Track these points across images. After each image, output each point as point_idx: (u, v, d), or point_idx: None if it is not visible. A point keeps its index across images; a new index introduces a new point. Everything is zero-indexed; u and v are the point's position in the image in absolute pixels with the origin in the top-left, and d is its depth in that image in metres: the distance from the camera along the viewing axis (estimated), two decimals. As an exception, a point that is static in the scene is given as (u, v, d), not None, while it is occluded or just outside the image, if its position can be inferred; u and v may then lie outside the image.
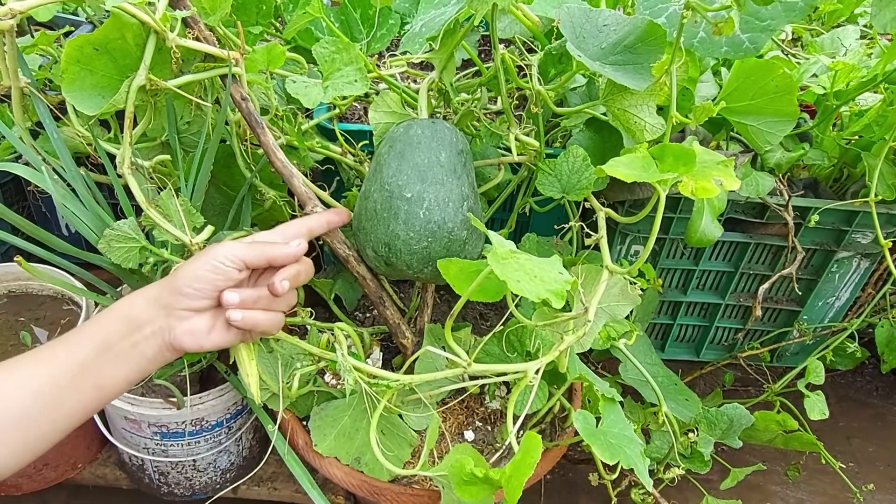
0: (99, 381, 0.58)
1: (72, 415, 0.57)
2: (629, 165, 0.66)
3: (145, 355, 0.60)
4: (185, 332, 0.61)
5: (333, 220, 0.75)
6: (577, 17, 0.75)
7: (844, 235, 1.06)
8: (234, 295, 0.61)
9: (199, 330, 0.62)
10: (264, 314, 0.64)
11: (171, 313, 0.60)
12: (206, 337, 0.62)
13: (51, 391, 0.55)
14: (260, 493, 1.06)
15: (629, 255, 1.10)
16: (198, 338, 0.61)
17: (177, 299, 0.60)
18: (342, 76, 0.79)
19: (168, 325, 0.60)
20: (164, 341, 0.61)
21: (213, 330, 0.62)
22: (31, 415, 0.54)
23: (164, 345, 0.61)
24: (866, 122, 1.06)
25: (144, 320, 0.60)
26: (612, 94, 0.76)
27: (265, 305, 0.64)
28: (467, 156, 0.76)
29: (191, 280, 0.60)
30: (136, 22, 0.65)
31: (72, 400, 0.57)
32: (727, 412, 0.96)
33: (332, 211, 0.76)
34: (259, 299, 0.64)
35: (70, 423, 0.58)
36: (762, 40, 0.74)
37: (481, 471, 0.60)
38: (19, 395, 0.54)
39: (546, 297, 0.57)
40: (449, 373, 0.69)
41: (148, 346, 0.60)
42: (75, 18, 1.26)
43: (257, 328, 0.64)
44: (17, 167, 0.76)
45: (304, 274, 0.68)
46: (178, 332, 0.60)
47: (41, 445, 0.57)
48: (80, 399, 0.57)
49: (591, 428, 0.72)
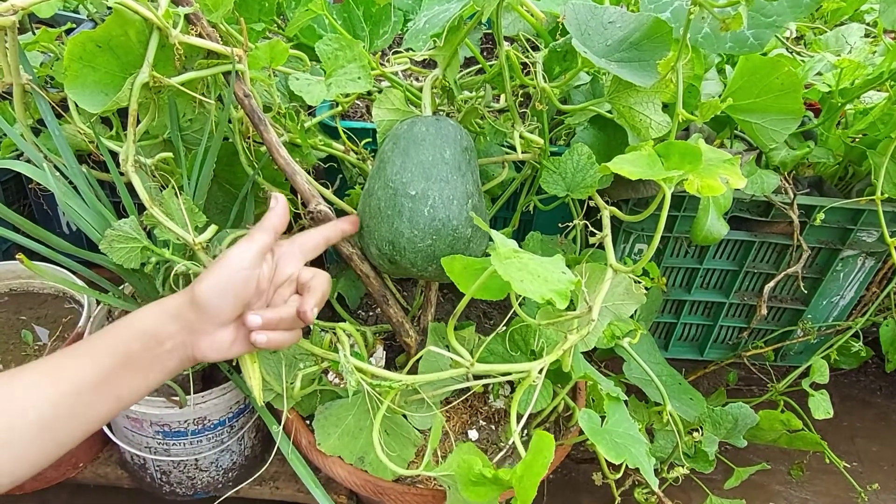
0: (120, 392, 0.58)
1: (89, 423, 0.57)
2: (635, 163, 0.66)
3: (167, 368, 0.60)
4: (209, 347, 0.61)
5: (347, 228, 0.75)
6: (582, 13, 0.75)
7: (849, 234, 1.05)
8: (256, 318, 0.61)
9: (223, 343, 0.61)
10: (287, 334, 0.64)
11: (193, 329, 0.60)
12: (228, 349, 0.62)
13: (72, 402, 0.55)
14: (262, 493, 1.06)
15: (633, 254, 1.10)
16: (221, 351, 0.62)
17: (199, 316, 0.60)
18: (345, 73, 0.79)
19: (191, 341, 0.60)
20: (187, 355, 0.60)
21: (235, 342, 0.62)
22: (49, 424, 0.54)
23: (187, 358, 0.61)
24: (871, 119, 1.05)
25: (165, 336, 0.59)
26: (618, 91, 0.76)
27: (288, 326, 0.64)
28: (472, 153, 0.76)
29: (212, 295, 0.59)
30: (139, 18, 0.64)
31: (91, 410, 0.57)
32: (732, 411, 0.95)
33: (346, 219, 0.76)
34: (282, 321, 0.63)
35: (86, 430, 0.58)
36: (767, 36, 0.73)
37: (490, 471, 0.59)
38: (41, 406, 0.54)
39: (549, 298, 0.56)
40: (453, 372, 0.68)
41: (170, 359, 0.60)
42: (76, 16, 1.25)
43: (280, 347, 0.64)
44: (19, 164, 0.76)
45: (324, 293, 0.67)
46: (202, 347, 0.60)
47: (57, 452, 0.56)
48: (98, 409, 0.57)
49: (597, 427, 0.71)
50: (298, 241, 0.69)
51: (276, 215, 0.65)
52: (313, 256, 0.69)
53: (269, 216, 0.65)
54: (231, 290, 0.60)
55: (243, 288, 0.60)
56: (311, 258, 0.69)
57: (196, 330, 0.60)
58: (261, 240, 0.62)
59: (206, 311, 0.59)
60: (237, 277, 0.60)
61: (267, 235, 0.63)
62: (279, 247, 0.67)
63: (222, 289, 0.59)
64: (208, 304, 0.59)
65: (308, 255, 0.69)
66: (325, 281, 0.67)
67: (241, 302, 0.61)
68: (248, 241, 0.62)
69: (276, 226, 0.64)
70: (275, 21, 1.01)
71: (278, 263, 0.66)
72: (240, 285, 0.60)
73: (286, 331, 0.64)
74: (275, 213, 0.65)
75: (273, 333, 0.62)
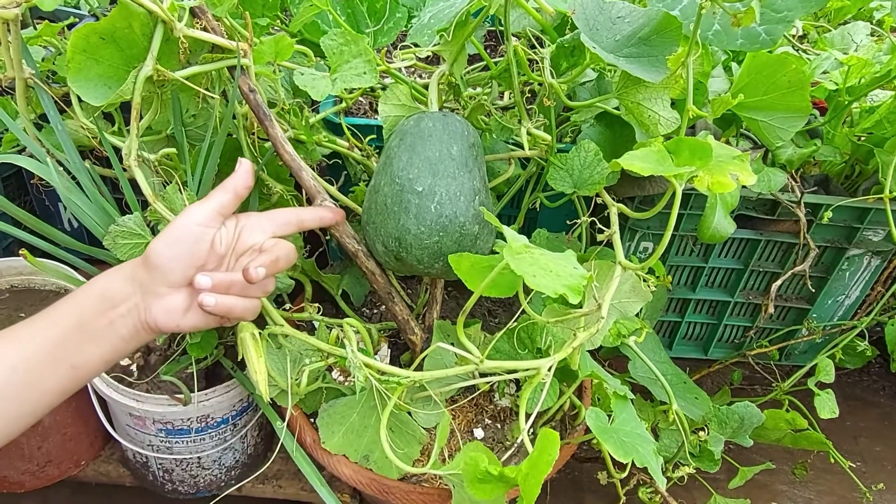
0: (75, 360, 0.55)
1: (46, 395, 0.55)
2: (644, 159, 0.65)
3: (120, 334, 0.58)
4: (161, 311, 0.58)
5: (326, 216, 0.72)
6: (590, 8, 0.74)
7: (856, 233, 1.05)
8: (205, 278, 0.58)
9: (175, 309, 0.59)
10: (239, 300, 0.61)
11: (146, 290, 0.58)
12: (182, 317, 0.59)
13: (25, 370, 0.53)
14: (265, 491, 1.05)
15: (638, 252, 1.09)
16: (174, 317, 0.59)
17: (151, 275, 0.57)
18: (351, 68, 0.78)
19: (144, 304, 0.58)
20: (140, 320, 0.58)
21: (189, 310, 0.59)
22: (3, 394, 0.52)
23: (140, 323, 0.58)
24: (877, 118, 1.05)
25: (120, 298, 0.57)
26: (626, 87, 0.75)
27: (239, 291, 0.61)
28: (479, 149, 0.75)
29: (163, 251, 0.57)
30: (144, 11, 0.64)
31: (47, 380, 0.54)
32: (738, 411, 0.95)
33: (328, 207, 0.73)
34: (233, 284, 0.60)
35: (44, 404, 0.55)
36: (779, 32, 0.73)
37: (496, 469, 0.59)
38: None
39: (562, 293, 0.56)
40: (460, 370, 0.68)
41: (123, 324, 0.57)
42: (77, 12, 1.24)
43: (231, 314, 0.61)
44: (21, 159, 0.75)
45: (283, 260, 0.64)
46: (154, 311, 0.58)
47: (13, 428, 0.54)
48: (55, 379, 0.55)
49: (604, 426, 0.71)
50: (268, 214, 0.67)
51: (239, 177, 0.63)
52: (283, 233, 0.67)
53: (231, 177, 0.63)
54: (182, 246, 0.58)
55: (195, 244, 0.58)
56: (280, 234, 0.66)
57: (149, 291, 0.58)
58: (218, 199, 0.61)
59: (157, 269, 0.57)
60: (190, 233, 0.58)
61: (225, 195, 0.61)
62: (247, 217, 0.65)
63: (173, 243, 0.58)
64: (159, 259, 0.57)
65: (278, 229, 0.66)
66: (286, 247, 0.64)
67: (193, 260, 0.58)
68: (206, 199, 0.61)
69: (237, 187, 0.62)
70: (278, 16, 1.01)
71: (242, 231, 0.64)
72: (191, 242, 0.58)
73: (239, 297, 0.61)
74: (237, 175, 0.63)
75: (223, 297, 0.59)
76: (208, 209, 0.60)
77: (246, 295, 0.62)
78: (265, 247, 0.63)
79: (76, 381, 0.57)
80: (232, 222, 0.63)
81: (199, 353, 0.83)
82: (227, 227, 0.62)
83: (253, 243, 0.64)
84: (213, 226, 0.60)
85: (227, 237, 0.62)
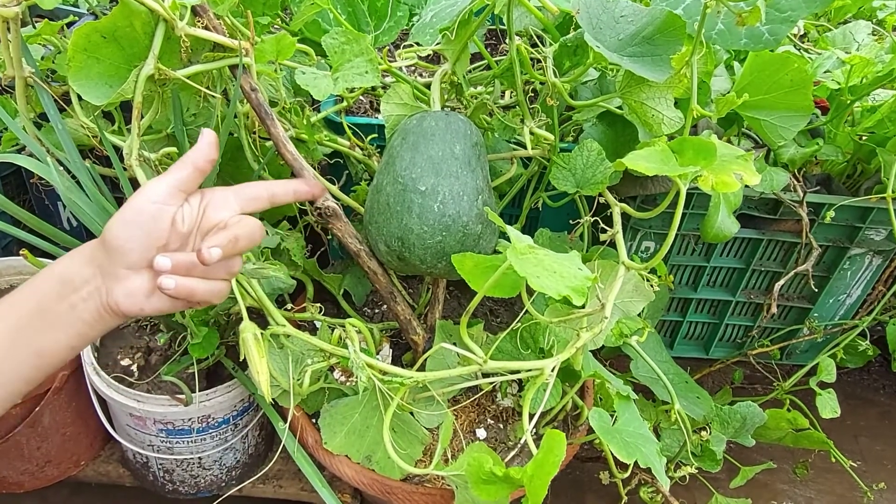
0: (38, 347, 0.53)
1: (9, 384, 0.53)
2: (649, 159, 0.65)
3: (83, 319, 0.55)
4: (122, 294, 0.55)
5: (301, 189, 0.67)
6: (593, 7, 0.74)
7: (858, 232, 1.05)
8: (165, 260, 0.54)
9: (138, 291, 0.55)
10: (201, 283, 0.57)
11: (106, 272, 0.55)
12: (145, 300, 0.55)
13: None
14: (265, 491, 1.05)
15: (639, 251, 1.09)
16: (136, 300, 0.55)
17: (110, 257, 0.54)
18: (352, 67, 0.78)
19: (105, 286, 0.55)
20: (102, 303, 0.55)
21: (153, 293, 0.56)
22: None
23: (103, 307, 0.55)
24: (879, 117, 1.05)
25: (80, 281, 0.54)
26: (630, 86, 0.75)
27: (202, 273, 0.57)
28: (481, 148, 0.75)
29: (119, 230, 0.54)
30: (145, 9, 0.63)
31: (8, 367, 0.52)
32: (740, 410, 0.95)
33: (301, 180, 0.69)
34: (195, 265, 0.55)
35: (10, 395, 0.53)
36: (782, 32, 0.73)
37: (501, 470, 0.58)
38: None
39: (567, 294, 0.55)
40: (464, 370, 0.68)
41: (85, 308, 0.54)
42: (75, 10, 1.24)
43: (193, 297, 0.57)
44: (22, 159, 0.75)
45: (244, 240, 0.57)
46: (116, 294, 0.54)
47: None
48: (17, 367, 0.53)
49: (607, 426, 0.71)
50: (236, 188, 0.61)
51: (199, 150, 0.58)
52: (252, 209, 0.61)
53: (191, 150, 0.58)
54: (139, 224, 0.54)
55: (152, 223, 0.55)
56: (249, 210, 0.61)
57: (108, 273, 0.54)
58: (176, 173, 0.56)
59: (115, 250, 0.54)
60: (146, 210, 0.54)
61: (184, 170, 0.57)
62: (212, 192, 0.60)
63: (129, 222, 0.54)
64: (115, 240, 0.54)
65: (245, 204, 0.61)
66: (249, 223, 0.58)
67: (152, 240, 0.55)
68: (163, 175, 0.57)
69: (196, 160, 0.57)
70: (278, 15, 1.00)
71: (207, 208, 0.59)
72: (148, 220, 0.54)
73: (201, 279, 0.57)
74: (198, 147, 0.58)
75: (184, 280, 0.55)
76: (165, 185, 0.56)
77: (209, 277, 0.57)
78: (228, 224, 0.58)
79: (40, 370, 0.54)
80: (196, 199, 0.59)
81: (200, 354, 0.83)
82: (191, 203, 0.58)
83: (218, 220, 0.59)
84: (172, 203, 0.56)
85: (190, 215, 0.57)
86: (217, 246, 0.55)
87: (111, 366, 0.90)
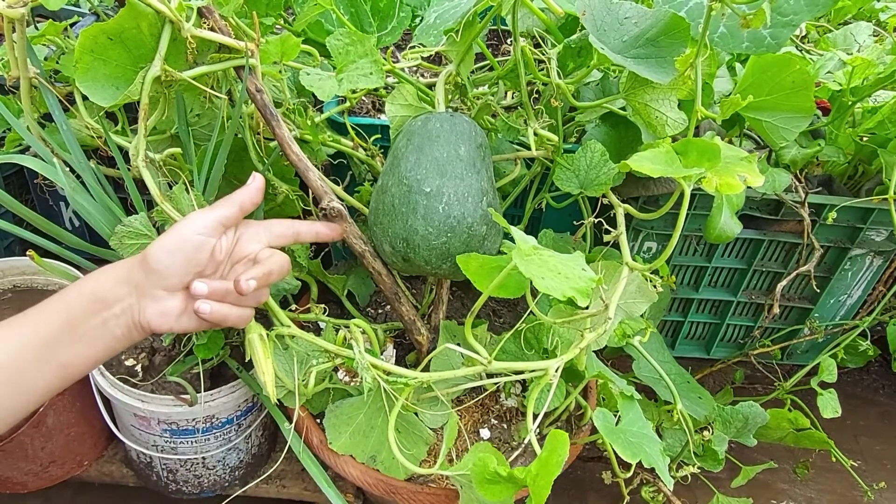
0: (64, 359, 0.55)
1: (32, 393, 0.55)
2: (654, 160, 0.65)
3: (114, 334, 0.58)
4: (155, 314, 0.58)
5: (323, 232, 0.73)
6: (598, 9, 0.74)
7: (859, 233, 1.05)
8: (203, 286, 0.59)
9: (171, 312, 0.59)
10: (234, 309, 0.62)
11: (142, 293, 0.58)
12: (175, 320, 0.60)
13: (12, 369, 0.53)
14: (269, 491, 1.05)
15: (641, 252, 1.09)
16: (168, 320, 0.59)
17: (148, 278, 0.58)
18: (357, 68, 0.78)
19: (139, 306, 0.58)
20: (134, 321, 0.58)
21: (184, 314, 0.60)
22: None
23: (133, 324, 0.59)
24: (880, 118, 1.05)
25: (113, 299, 0.57)
26: (633, 87, 0.75)
27: (234, 300, 0.62)
28: (486, 150, 0.75)
29: (163, 256, 0.58)
30: (152, 11, 0.63)
31: (34, 378, 0.54)
32: (742, 410, 0.95)
33: (325, 224, 0.74)
34: (228, 293, 0.61)
35: (30, 403, 0.55)
36: (784, 35, 0.73)
37: (505, 470, 0.59)
38: None
39: (571, 296, 0.56)
40: (468, 370, 0.68)
41: (117, 325, 0.58)
42: (77, 10, 1.24)
43: (225, 322, 0.62)
44: (28, 159, 0.75)
45: (276, 273, 0.64)
46: (149, 313, 0.58)
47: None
48: (42, 377, 0.55)
49: (611, 426, 0.71)
50: (266, 224, 0.68)
51: (248, 191, 0.64)
52: (279, 244, 0.68)
53: (240, 191, 0.64)
54: (183, 252, 0.58)
55: (195, 252, 0.59)
56: (276, 245, 0.67)
57: (144, 293, 0.58)
58: (223, 210, 0.62)
59: (155, 272, 0.58)
60: (191, 240, 0.59)
61: (231, 208, 0.62)
62: (246, 225, 0.66)
63: (174, 250, 0.58)
64: (158, 264, 0.58)
65: (274, 240, 0.67)
66: (279, 260, 0.65)
67: (192, 267, 0.59)
68: (210, 209, 0.62)
69: (243, 201, 0.63)
70: (281, 16, 1.01)
71: (240, 239, 0.65)
72: (192, 249, 0.59)
73: (233, 305, 0.62)
74: (247, 189, 0.64)
75: (218, 305, 0.60)
76: (212, 219, 0.61)
77: (239, 304, 0.63)
78: (260, 258, 0.64)
79: (64, 380, 0.57)
80: (231, 230, 0.64)
81: (205, 355, 0.83)
82: (227, 235, 0.63)
83: (249, 252, 0.65)
84: (215, 236, 0.61)
85: (226, 245, 0.63)
86: (254, 278, 0.60)
87: (115, 366, 0.90)
